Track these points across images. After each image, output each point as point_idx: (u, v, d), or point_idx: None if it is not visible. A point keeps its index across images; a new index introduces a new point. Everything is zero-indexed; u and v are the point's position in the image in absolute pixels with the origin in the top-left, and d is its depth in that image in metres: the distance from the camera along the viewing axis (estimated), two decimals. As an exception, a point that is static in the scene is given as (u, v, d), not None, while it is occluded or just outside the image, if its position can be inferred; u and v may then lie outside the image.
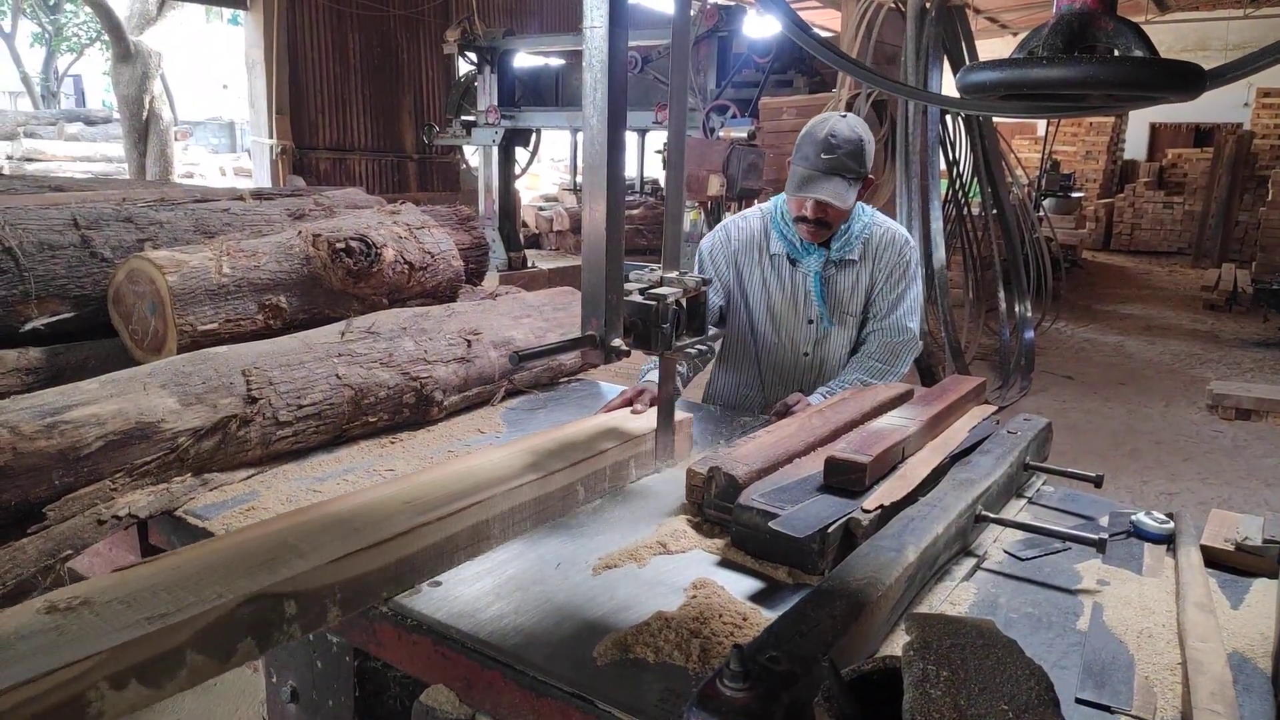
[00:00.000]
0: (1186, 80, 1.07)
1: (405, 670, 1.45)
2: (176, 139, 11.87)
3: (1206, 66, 1.16)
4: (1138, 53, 1.11)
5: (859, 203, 2.50)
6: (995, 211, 7.47)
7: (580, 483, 1.77)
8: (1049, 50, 1.12)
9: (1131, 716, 1.15)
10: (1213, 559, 1.58)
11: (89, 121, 16.21)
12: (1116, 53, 1.13)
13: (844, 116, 2.43)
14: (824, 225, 2.42)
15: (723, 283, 2.60)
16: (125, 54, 9.92)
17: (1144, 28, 1.16)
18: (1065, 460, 2.00)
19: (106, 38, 10.76)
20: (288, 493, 1.78)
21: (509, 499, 1.61)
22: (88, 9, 13.30)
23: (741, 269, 2.59)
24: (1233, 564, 1.58)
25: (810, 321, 2.56)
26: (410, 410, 2.19)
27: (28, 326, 2.12)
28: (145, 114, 10.16)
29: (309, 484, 1.84)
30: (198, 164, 15.35)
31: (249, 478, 1.87)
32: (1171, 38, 15.50)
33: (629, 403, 2.18)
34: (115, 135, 13.07)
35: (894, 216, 6.08)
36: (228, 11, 18.12)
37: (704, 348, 1.83)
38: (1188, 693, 1.16)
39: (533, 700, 1.21)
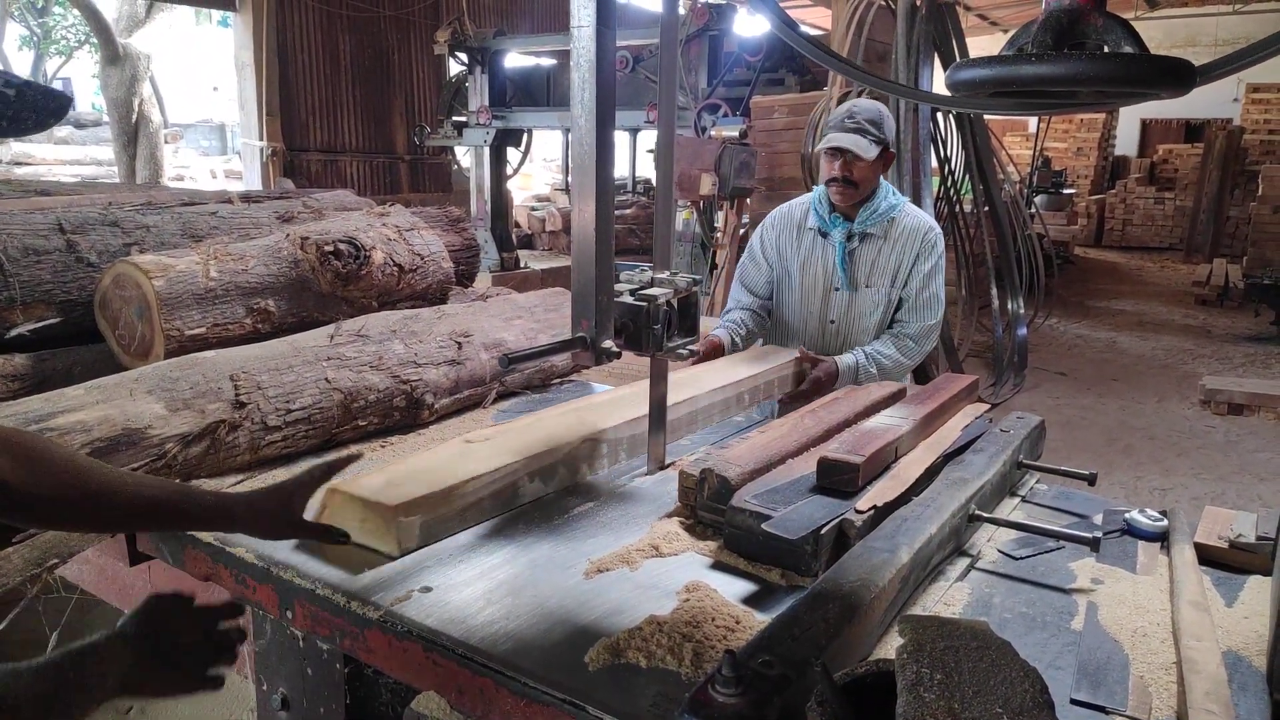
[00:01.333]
0: (1177, 77, 1.07)
1: (396, 677, 1.43)
2: (166, 141, 11.83)
3: (1196, 62, 1.16)
4: (1127, 49, 1.11)
5: (893, 188, 2.80)
6: (987, 209, 7.46)
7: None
8: (1038, 47, 1.11)
9: (1126, 717, 1.15)
10: (1206, 556, 1.58)
11: (78, 125, 16.14)
12: (1106, 49, 1.13)
13: (865, 97, 2.82)
14: (850, 184, 2.66)
15: (769, 261, 2.91)
16: (114, 56, 9.87)
17: (1134, 23, 1.16)
18: (1059, 457, 1.99)
19: (95, 40, 10.70)
20: (277, 498, 1.77)
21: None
22: (76, 11, 13.24)
23: (782, 247, 2.89)
24: (1227, 561, 1.58)
25: (836, 289, 2.80)
26: (401, 413, 2.18)
27: (13, 333, 2.11)
28: (135, 117, 10.11)
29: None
30: (188, 166, 15.29)
31: (238, 483, 1.85)
32: (1161, 33, 15.56)
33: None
34: (105, 138, 13.02)
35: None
36: (217, 13, 18.05)
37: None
38: (1183, 692, 1.15)
39: (524, 706, 1.20)
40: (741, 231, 6.59)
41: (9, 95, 1.00)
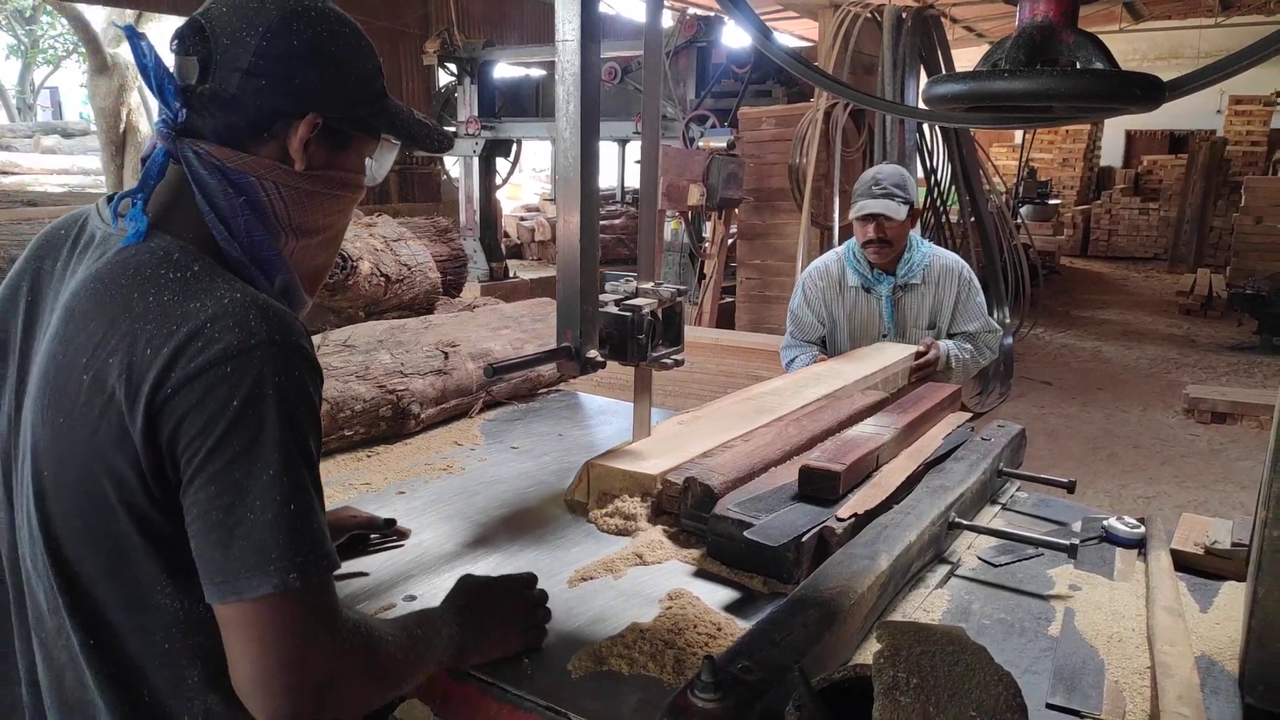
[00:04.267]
0: (1146, 92, 1.09)
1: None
2: (154, 151, 11.78)
3: (1180, 74, 1.19)
4: (1098, 65, 1.13)
5: (918, 238, 3.14)
6: (973, 219, 7.52)
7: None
8: (1011, 63, 1.14)
9: (1101, 721, 1.16)
10: (1183, 563, 1.60)
11: (66, 134, 16.11)
12: (1078, 65, 1.15)
13: (888, 163, 3.26)
14: (886, 244, 3.00)
15: (817, 316, 3.20)
16: (102, 66, 9.87)
17: (1117, 36, 1.19)
18: (1044, 465, 2.02)
19: (83, 50, 10.70)
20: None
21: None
22: (64, 21, 13.23)
23: (829, 303, 3.20)
24: (1202, 567, 1.60)
25: (883, 335, 3.13)
26: (387, 423, 2.18)
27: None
28: (123, 126, 10.10)
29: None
30: (176, 176, 15.23)
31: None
32: (1145, 46, 15.71)
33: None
34: (93, 148, 13.00)
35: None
36: (206, 23, 18.04)
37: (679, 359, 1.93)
38: (1156, 696, 1.17)
39: (508, 714, 1.21)
40: (730, 242, 6.63)
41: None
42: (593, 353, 1.74)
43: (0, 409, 1.05)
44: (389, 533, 1.61)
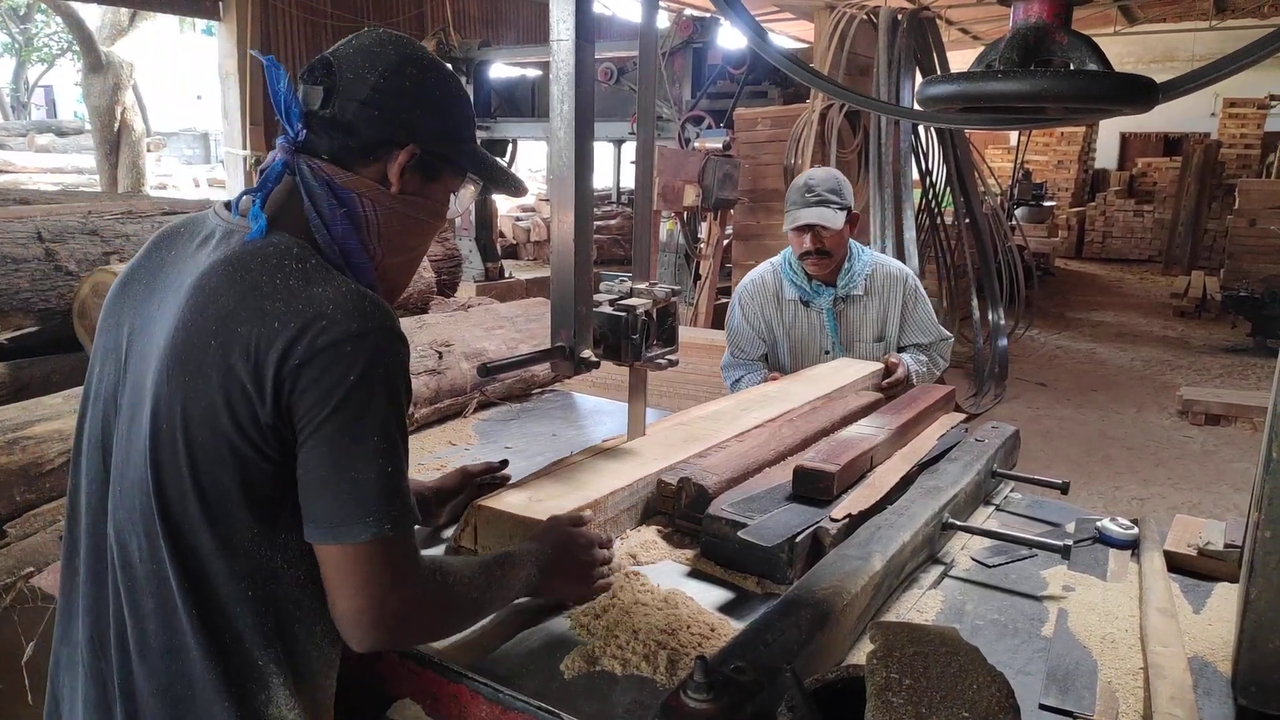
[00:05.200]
0: (1139, 93, 1.09)
1: (371, 685, 1.43)
2: (149, 150, 11.77)
3: (1174, 76, 1.19)
4: (1092, 66, 1.13)
5: (859, 245, 2.91)
6: (968, 221, 7.54)
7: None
8: (1005, 64, 1.14)
9: (1093, 721, 1.17)
10: (1176, 564, 1.60)
11: (60, 133, 16.06)
12: (1071, 66, 1.15)
13: (819, 167, 3.04)
14: (825, 254, 2.77)
15: (758, 333, 2.96)
16: (97, 64, 9.83)
17: (1112, 39, 1.19)
18: (1039, 467, 2.02)
19: (78, 48, 10.67)
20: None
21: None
22: (59, 19, 13.19)
23: (767, 315, 2.96)
24: (1195, 569, 1.60)
25: (826, 352, 2.91)
26: (381, 423, 2.18)
27: (-10, 341, 2.10)
28: (117, 125, 10.06)
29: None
30: (171, 175, 15.23)
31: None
32: (1140, 49, 15.74)
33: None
34: (87, 146, 12.96)
35: (868, 227, 6.15)
36: (201, 22, 18.01)
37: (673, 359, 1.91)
38: (1149, 696, 1.17)
39: (499, 714, 1.21)
40: (725, 242, 6.63)
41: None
42: (587, 353, 1.74)
43: (105, 377, 1.18)
44: (499, 475, 1.79)
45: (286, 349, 1.03)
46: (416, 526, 1.13)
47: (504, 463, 1.80)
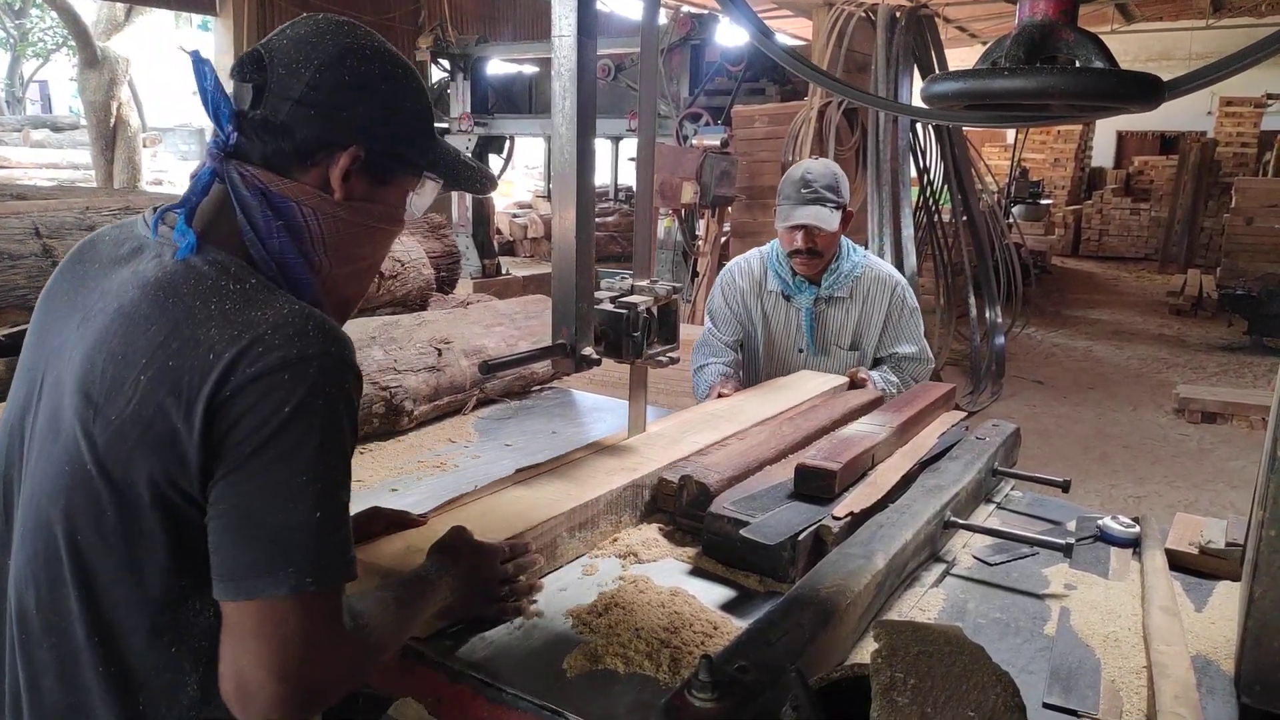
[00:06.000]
0: (1146, 91, 1.09)
1: (372, 684, 1.43)
2: (145, 145, 11.74)
3: (1170, 75, 1.18)
4: (1098, 64, 1.13)
5: (851, 244, 2.76)
6: (965, 218, 7.55)
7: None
8: (1011, 61, 1.13)
9: (1097, 720, 1.16)
10: (1177, 562, 1.60)
11: (55, 128, 16.01)
12: (1077, 64, 1.15)
13: (817, 159, 2.72)
14: (815, 254, 2.63)
15: (736, 317, 2.84)
16: (92, 60, 9.80)
17: (1109, 37, 1.18)
18: (1036, 465, 2.02)
19: (73, 43, 10.63)
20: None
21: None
22: (54, 14, 13.14)
23: (748, 305, 2.83)
24: (1197, 567, 1.60)
25: (800, 350, 2.79)
26: (380, 420, 2.17)
27: (-13, 337, 2.09)
28: (113, 120, 10.04)
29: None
30: (166, 170, 15.17)
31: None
32: (1136, 47, 15.75)
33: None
34: (82, 142, 12.91)
35: (865, 225, 6.15)
36: (197, 17, 17.95)
37: (674, 356, 1.88)
38: (1153, 695, 1.17)
39: (502, 714, 1.20)
40: (723, 239, 6.62)
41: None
42: (588, 350, 1.73)
43: (15, 400, 1.08)
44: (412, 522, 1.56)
45: (220, 380, 0.92)
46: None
47: (422, 518, 1.54)
